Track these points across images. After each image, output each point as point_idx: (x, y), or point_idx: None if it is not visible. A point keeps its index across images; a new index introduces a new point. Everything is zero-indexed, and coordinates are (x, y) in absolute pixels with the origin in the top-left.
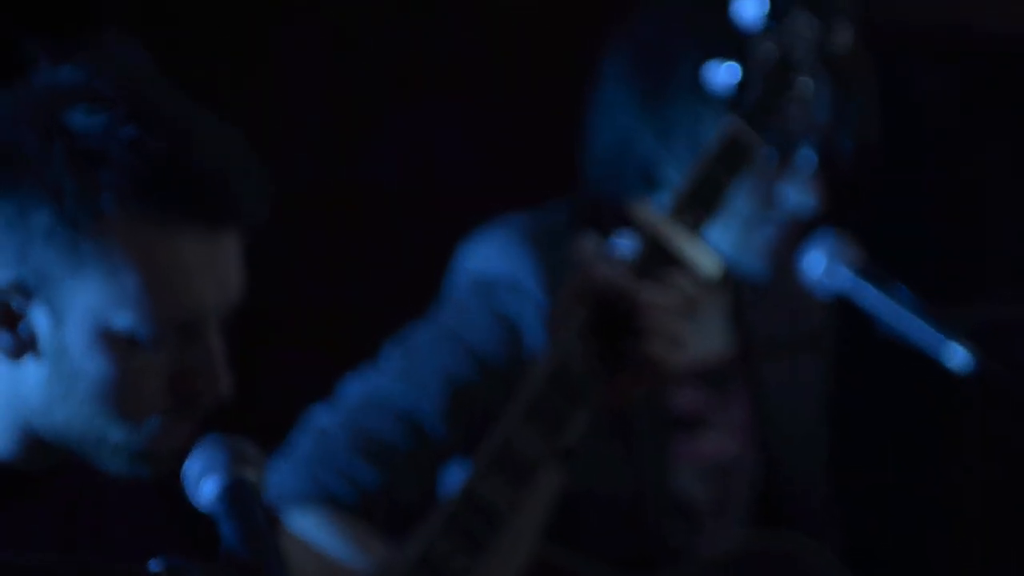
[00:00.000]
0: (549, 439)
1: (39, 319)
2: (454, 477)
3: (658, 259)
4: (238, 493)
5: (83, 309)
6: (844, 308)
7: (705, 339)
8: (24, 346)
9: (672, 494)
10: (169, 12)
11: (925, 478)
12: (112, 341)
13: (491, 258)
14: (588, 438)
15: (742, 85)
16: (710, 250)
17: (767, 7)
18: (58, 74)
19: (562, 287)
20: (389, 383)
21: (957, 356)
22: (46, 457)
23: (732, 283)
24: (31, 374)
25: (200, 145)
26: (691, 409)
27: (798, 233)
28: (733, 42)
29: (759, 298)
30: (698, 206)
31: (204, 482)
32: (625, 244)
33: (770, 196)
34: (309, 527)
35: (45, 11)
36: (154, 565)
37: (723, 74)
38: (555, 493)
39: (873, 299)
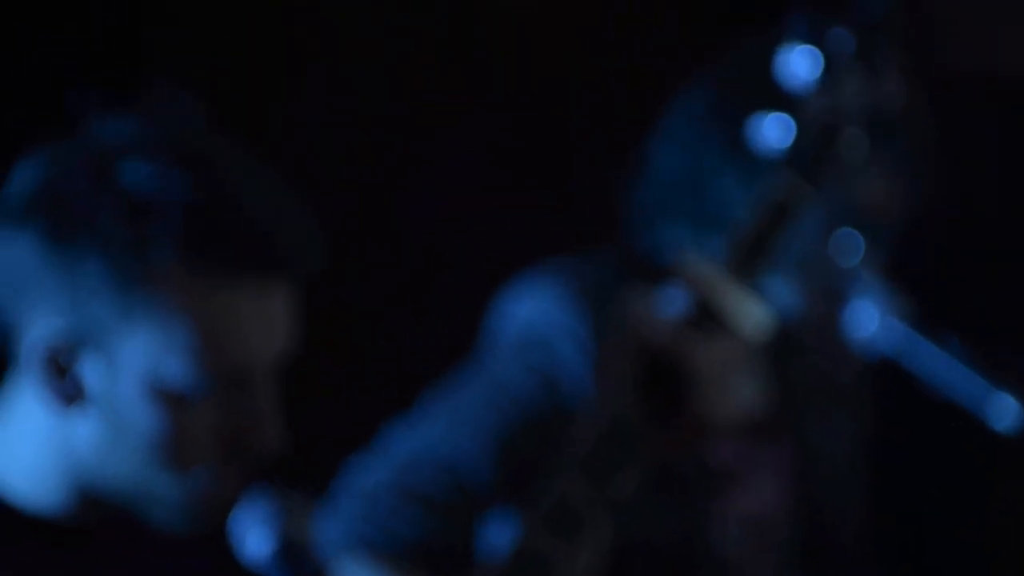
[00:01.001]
0: (601, 492)
1: (89, 369)
2: (497, 527)
3: (710, 313)
4: (287, 549)
5: (132, 360)
6: (886, 359)
7: (747, 390)
8: (73, 396)
9: (712, 546)
10: (204, 51)
11: (965, 527)
12: (161, 392)
13: (539, 309)
14: (633, 490)
15: (798, 139)
16: (762, 304)
17: (820, 62)
18: (110, 126)
19: (612, 341)
20: (433, 437)
21: (1006, 409)
22: (96, 511)
23: (774, 333)
24: (80, 425)
25: (250, 198)
26: (731, 460)
27: (846, 289)
28: (791, 96)
29: (800, 347)
30: (751, 259)
31: (252, 535)
32: (676, 296)
33: (831, 265)
34: None
35: (97, 63)
36: None
37: (778, 128)
38: (606, 545)
39: (922, 352)
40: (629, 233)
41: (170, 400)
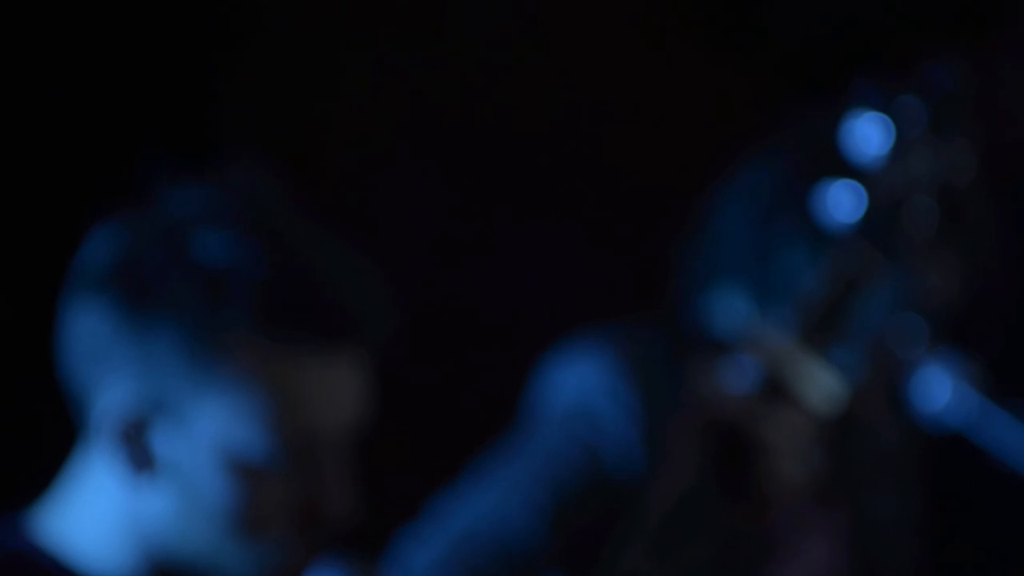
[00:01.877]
0: (668, 568)
1: (160, 438)
2: None
3: (780, 385)
4: None
5: (205, 429)
6: (954, 430)
7: (815, 460)
8: (145, 465)
9: None
10: (275, 119)
11: None
12: (232, 461)
13: (586, 377)
14: (699, 565)
15: (869, 209)
16: (833, 376)
17: (892, 131)
18: (183, 195)
19: (679, 414)
20: (484, 510)
21: None
22: None
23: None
24: (151, 493)
25: (322, 267)
26: (787, 525)
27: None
28: (861, 165)
29: (860, 416)
30: (822, 331)
31: None
32: (745, 367)
33: (898, 338)
34: None
35: (170, 131)
36: None
37: (848, 197)
38: None
39: (993, 422)
40: (680, 299)
41: (242, 470)
